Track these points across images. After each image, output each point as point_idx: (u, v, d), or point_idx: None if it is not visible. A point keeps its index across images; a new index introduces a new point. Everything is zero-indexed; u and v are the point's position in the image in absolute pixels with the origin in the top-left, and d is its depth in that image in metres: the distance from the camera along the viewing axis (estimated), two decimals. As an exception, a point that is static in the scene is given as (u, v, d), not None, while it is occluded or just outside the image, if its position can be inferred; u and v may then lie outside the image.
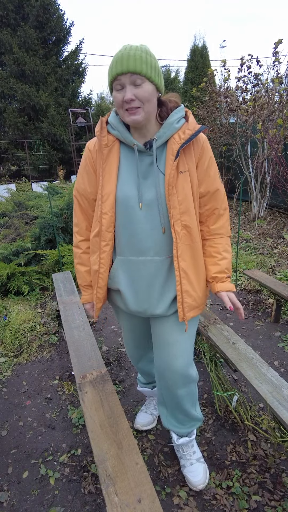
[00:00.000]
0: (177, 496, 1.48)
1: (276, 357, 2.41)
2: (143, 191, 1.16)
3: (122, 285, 1.28)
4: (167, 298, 1.28)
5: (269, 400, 1.50)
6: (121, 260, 1.27)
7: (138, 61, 1.03)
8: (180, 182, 1.15)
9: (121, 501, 1.04)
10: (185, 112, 1.19)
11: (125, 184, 1.18)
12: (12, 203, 5.30)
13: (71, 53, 12.59)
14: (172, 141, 1.14)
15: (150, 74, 1.05)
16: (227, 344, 1.91)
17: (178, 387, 1.39)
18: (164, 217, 1.18)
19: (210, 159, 1.23)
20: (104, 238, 1.23)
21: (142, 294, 1.27)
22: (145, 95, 1.06)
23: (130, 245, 1.22)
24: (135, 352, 1.63)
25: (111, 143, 1.19)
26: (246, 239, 4.96)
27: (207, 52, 12.26)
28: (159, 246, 1.21)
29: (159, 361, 1.40)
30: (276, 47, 5.06)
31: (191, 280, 1.24)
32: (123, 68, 1.03)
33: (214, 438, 1.76)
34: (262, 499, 1.45)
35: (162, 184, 1.16)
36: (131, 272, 1.26)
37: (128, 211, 1.18)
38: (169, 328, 1.33)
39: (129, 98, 1.06)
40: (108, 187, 1.19)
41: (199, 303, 1.29)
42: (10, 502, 1.52)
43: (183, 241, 1.19)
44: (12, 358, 2.55)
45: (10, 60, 10.84)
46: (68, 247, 3.78)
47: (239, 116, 5.53)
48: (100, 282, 1.30)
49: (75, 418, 1.93)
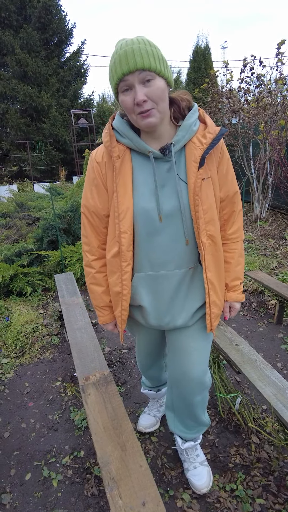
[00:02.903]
0: (180, 499, 1.47)
1: (279, 358, 2.40)
2: (162, 201, 1.06)
3: (144, 301, 1.21)
4: (190, 309, 1.22)
5: (273, 402, 1.49)
6: (140, 277, 1.18)
7: (145, 55, 0.91)
8: (204, 190, 1.06)
9: (125, 504, 1.04)
10: (200, 113, 1.09)
11: (142, 197, 1.07)
12: (14, 204, 5.30)
13: (73, 54, 12.63)
14: (191, 146, 1.05)
15: (160, 68, 0.94)
16: (230, 346, 1.90)
17: (194, 395, 1.36)
18: (188, 229, 1.09)
19: (228, 162, 1.16)
20: (125, 259, 1.12)
21: (164, 308, 1.21)
22: (158, 92, 0.95)
23: (150, 260, 1.14)
24: (147, 360, 1.60)
25: (123, 153, 1.06)
26: (248, 240, 4.95)
27: (210, 52, 12.27)
28: (180, 258, 1.14)
29: (175, 369, 1.36)
30: (279, 48, 5.05)
31: (217, 290, 1.19)
32: (130, 66, 0.91)
33: (217, 440, 1.76)
34: (266, 502, 1.44)
35: (184, 192, 1.06)
36: (152, 288, 1.18)
37: (147, 225, 1.08)
38: (190, 337, 1.29)
39: (141, 99, 0.93)
40: (124, 203, 1.07)
41: (221, 309, 1.26)
42: (13, 504, 1.51)
43: (208, 251, 1.12)
44: (14, 359, 2.54)
45: (12, 62, 10.88)
46: (70, 248, 3.78)
47: (241, 117, 5.53)
48: (124, 304, 1.20)
49: (78, 420, 1.92)
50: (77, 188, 4.81)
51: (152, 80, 0.94)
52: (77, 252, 3.71)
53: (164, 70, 0.96)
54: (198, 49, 12.13)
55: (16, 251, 3.68)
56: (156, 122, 0.99)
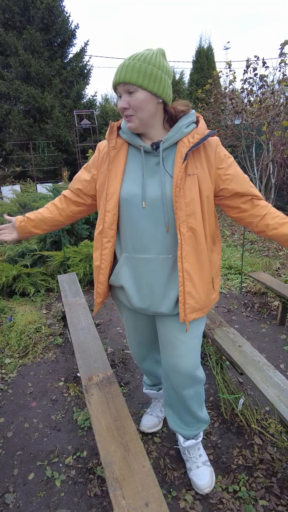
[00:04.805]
0: (183, 500, 1.48)
1: (282, 360, 2.39)
2: (147, 190, 1.19)
3: (126, 281, 1.30)
4: (171, 296, 1.28)
5: (276, 403, 1.49)
6: (126, 257, 1.29)
7: (129, 71, 1.08)
8: (187, 184, 1.17)
9: (128, 504, 1.04)
10: (197, 117, 1.21)
11: (130, 183, 1.22)
12: (17, 205, 5.31)
13: (76, 55, 12.63)
14: (181, 145, 1.17)
15: (141, 83, 1.08)
16: (233, 347, 1.90)
17: (184, 387, 1.39)
18: (169, 216, 1.19)
19: (233, 163, 1.24)
20: (106, 235, 1.27)
21: (145, 291, 1.29)
22: (136, 103, 1.11)
23: (134, 242, 1.25)
24: (139, 351, 1.63)
25: (119, 146, 1.24)
26: (251, 241, 4.94)
27: (213, 53, 12.25)
28: (161, 244, 1.23)
29: (165, 360, 1.41)
30: (282, 48, 5.05)
31: (194, 282, 1.24)
32: (117, 79, 1.10)
33: (220, 441, 1.76)
34: (269, 504, 1.44)
35: (168, 184, 1.17)
36: (135, 269, 1.28)
37: (131, 209, 1.21)
38: (174, 328, 1.34)
39: (122, 107, 1.12)
40: (113, 186, 1.23)
41: (202, 305, 1.29)
42: (16, 503, 1.52)
43: (188, 243, 1.20)
44: (17, 359, 2.55)
45: (15, 62, 10.89)
46: (73, 249, 3.78)
47: (244, 118, 5.52)
48: (101, 278, 1.34)
49: (81, 420, 1.93)
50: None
51: (134, 92, 1.10)
52: (80, 253, 3.72)
53: (148, 84, 1.09)
54: (201, 49, 12.11)
55: (19, 252, 3.69)
56: (135, 126, 1.16)
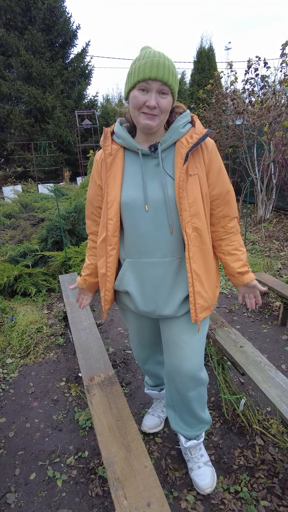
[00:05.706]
0: (184, 500, 1.48)
1: (283, 360, 2.39)
2: (148, 193, 1.18)
3: (130, 286, 1.30)
4: (177, 299, 1.28)
5: (277, 404, 1.49)
6: (129, 262, 1.29)
7: (168, 72, 1.06)
8: (190, 185, 1.17)
9: (130, 504, 1.04)
10: (191, 117, 1.21)
11: (130, 188, 1.20)
12: (18, 205, 5.32)
13: (77, 55, 12.64)
14: (179, 145, 1.17)
15: (174, 88, 1.10)
16: (234, 348, 1.90)
17: (188, 389, 1.39)
18: (173, 218, 1.19)
19: (220, 163, 1.26)
20: (110, 243, 1.27)
21: (149, 295, 1.29)
22: (165, 105, 1.11)
23: (137, 247, 1.24)
24: (142, 353, 1.63)
25: (115, 152, 1.22)
26: (252, 242, 4.94)
27: (214, 54, 12.22)
28: (166, 247, 1.22)
29: (168, 362, 1.40)
30: (283, 49, 5.04)
31: (203, 282, 1.25)
32: (157, 75, 1.05)
33: (221, 442, 1.76)
34: (270, 505, 1.44)
35: (170, 185, 1.17)
36: (139, 274, 1.28)
37: (134, 213, 1.20)
38: (179, 329, 1.34)
39: (153, 104, 1.08)
40: (112, 193, 1.22)
41: (209, 303, 1.31)
42: (18, 503, 1.52)
43: (194, 243, 1.20)
44: (19, 359, 2.56)
45: (17, 63, 10.91)
46: (74, 249, 3.79)
47: (245, 118, 5.52)
48: (108, 285, 1.34)
49: (82, 420, 1.93)
50: (81, 189, 4.81)
51: (166, 94, 1.10)
52: (82, 253, 3.72)
53: (175, 89, 1.11)
54: (202, 50, 12.08)
55: (21, 252, 3.70)
56: (154, 126, 1.13)
